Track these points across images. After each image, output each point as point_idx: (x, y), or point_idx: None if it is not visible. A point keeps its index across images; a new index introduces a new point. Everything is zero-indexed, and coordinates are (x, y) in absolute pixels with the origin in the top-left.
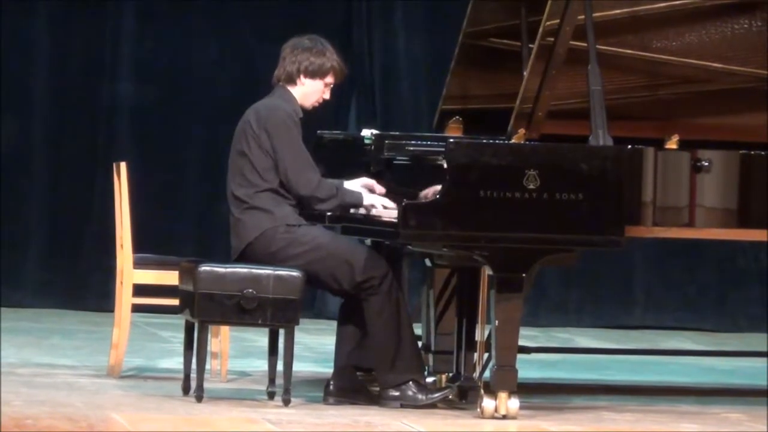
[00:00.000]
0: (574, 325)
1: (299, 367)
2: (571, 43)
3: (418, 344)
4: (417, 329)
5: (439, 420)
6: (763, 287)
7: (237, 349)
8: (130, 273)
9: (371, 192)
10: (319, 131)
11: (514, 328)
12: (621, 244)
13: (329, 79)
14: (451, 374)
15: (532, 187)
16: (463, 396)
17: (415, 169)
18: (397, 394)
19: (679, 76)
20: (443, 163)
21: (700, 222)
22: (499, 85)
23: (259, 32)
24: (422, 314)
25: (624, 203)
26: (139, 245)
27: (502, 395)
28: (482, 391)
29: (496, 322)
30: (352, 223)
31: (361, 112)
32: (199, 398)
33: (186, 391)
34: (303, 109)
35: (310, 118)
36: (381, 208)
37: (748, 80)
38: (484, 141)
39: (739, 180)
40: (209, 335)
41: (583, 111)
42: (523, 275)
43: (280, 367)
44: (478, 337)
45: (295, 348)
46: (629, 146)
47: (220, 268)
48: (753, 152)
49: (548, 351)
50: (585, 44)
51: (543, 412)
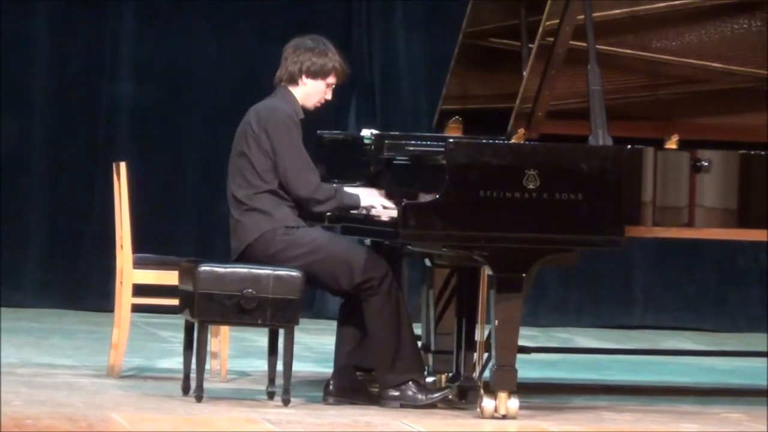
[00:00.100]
0: (574, 325)
1: (299, 367)
2: (571, 42)
3: (418, 344)
4: (417, 329)
5: (439, 420)
6: (763, 287)
7: (237, 349)
8: (129, 273)
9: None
10: (319, 131)
11: (513, 328)
12: (621, 244)
13: (331, 80)
14: (450, 374)
15: (531, 187)
16: (463, 396)
17: (415, 169)
18: (396, 394)
19: (679, 76)
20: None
21: (700, 222)
22: (499, 85)
23: (259, 32)
24: (422, 314)
25: (624, 203)
26: (139, 245)
27: (502, 395)
28: (482, 391)
29: (496, 322)
30: (352, 223)
31: (360, 112)
32: (199, 398)
33: (186, 391)
34: (305, 109)
35: (311, 118)
36: (380, 207)
37: (747, 80)
38: (484, 141)
39: (739, 180)
40: (209, 335)
41: (582, 111)
42: (523, 275)
43: (280, 367)
44: (477, 337)
45: (295, 348)
46: (629, 146)
47: (220, 268)
48: (753, 152)
49: (548, 351)
50: (585, 44)
51: (543, 412)
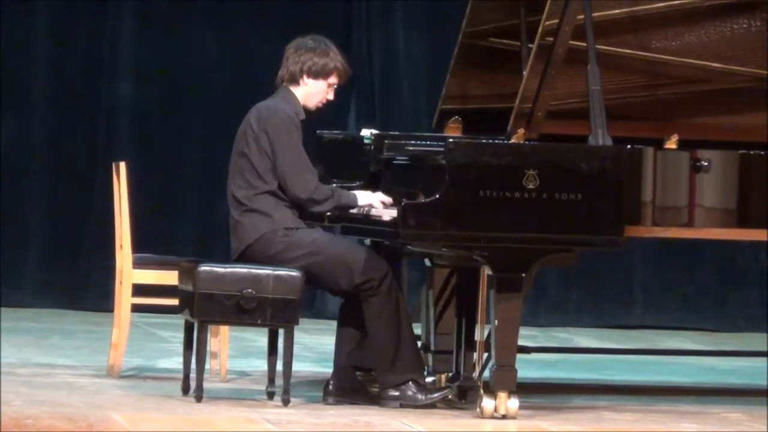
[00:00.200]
0: (574, 324)
1: (299, 367)
2: (571, 42)
3: (418, 344)
4: (416, 329)
5: (439, 420)
6: (762, 287)
7: (236, 349)
8: (129, 273)
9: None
10: (318, 131)
11: (513, 328)
12: (620, 243)
13: (332, 80)
14: (450, 374)
15: (531, 187)
16: (463, 396)
17: (415, 169)
18: (396, 394)
19: (679, 75)
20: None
21: (700, 222)
22: (499, 84)
23: (259, 32)
24: (422, 314)
25: (623, 203)
26: (139, 245)
27: (502, 395)
28: (482, 391)
29: (496, 322)
30: (352, 223)
31: (360, 112)
32: (199, 398)
33: (185, 391)
34: (306, 109)
35: (311, 118)
36: (379, 205)
37: (747, 80)
38: (484, 141)
39: (739, 180)
40: (209, 335)
41: (582, 111)
42: (523, 275)
43: (280, 367)
44: (477, 337)
45: (295, 348)
46: (629, 146)
47: (220, 268)
48: (752, 152)
49: (548, 351)
50: (584, 44)
51: (542, 412)
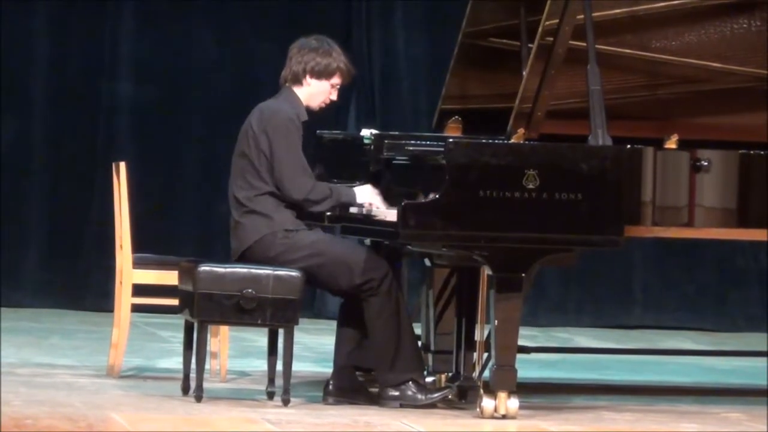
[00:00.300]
0: (574, 324)
1: (299, 367)
2: (571, 42)
3: (418, 344)
4: (416, 329)
5: (439, 420)
6: (762, 287)
7: (236, 349)
8: (129, 273)
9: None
10: (318, 131)
11: (513, 328)
12: (620, 243)
13: (336, 80)
14: (450, 374)
15: (531, 186)
16: (463, 396)
17: (415, 169)
18: (396, 393)
19: (679, 75)
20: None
21: (700, 222)
22: (499, 84)
23: (259, 32)
24: (422, 314)
25: (623, 203)
26: (139, 245)
27: (502, 395)
28: (482, 391)
29: (496, 322)
30: (352, 223)
31: (360, 112)
32: (199, 398)
33: (185, 391)
34: (309, 110)
35: (311, 118)
36: (378, 203)
37: (747, 80)
38: (484, 141)
39: (739, 180)
40: (209, 335)
41: (582, 111)
42: (523, 275)
43: (280, 367)
44: (477, 337)
45: (295, 348)
46: (628, 146)
47: (220, 268)
48: (752, 152)
49: (548, 351)
50: (584, 44)
51: (542, 412)
